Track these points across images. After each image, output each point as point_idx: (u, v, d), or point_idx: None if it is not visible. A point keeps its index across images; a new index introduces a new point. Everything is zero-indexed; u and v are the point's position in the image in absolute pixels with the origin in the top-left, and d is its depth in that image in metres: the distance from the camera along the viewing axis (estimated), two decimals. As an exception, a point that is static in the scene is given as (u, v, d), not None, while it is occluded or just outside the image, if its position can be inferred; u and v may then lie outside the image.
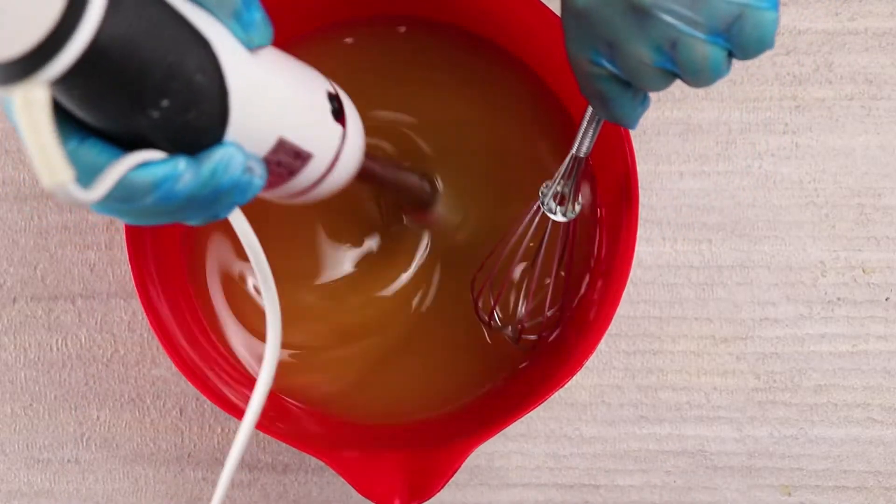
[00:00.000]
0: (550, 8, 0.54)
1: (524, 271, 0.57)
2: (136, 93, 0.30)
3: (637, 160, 0.53)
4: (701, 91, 0.62)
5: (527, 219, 0.52)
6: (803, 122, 0.62)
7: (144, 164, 0.30)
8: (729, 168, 0.62)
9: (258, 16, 0.34)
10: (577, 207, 0.50)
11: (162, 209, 0.32)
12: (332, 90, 0.41)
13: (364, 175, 0.45)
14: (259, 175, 0.34)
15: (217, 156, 0.32)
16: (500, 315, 0.57)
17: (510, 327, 0.56)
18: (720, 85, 0.62)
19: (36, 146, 0.27)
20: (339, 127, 0.41)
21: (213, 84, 0.32)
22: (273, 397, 0.59)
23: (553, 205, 0.50)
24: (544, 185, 0.50)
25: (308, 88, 0.40)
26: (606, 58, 0.37)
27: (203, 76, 0.32)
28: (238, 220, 0.37)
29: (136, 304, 0.62)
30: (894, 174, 0.62)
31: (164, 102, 0.30)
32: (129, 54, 0.29)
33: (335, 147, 0.41)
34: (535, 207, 0.51)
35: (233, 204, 0.34)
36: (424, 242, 0.59)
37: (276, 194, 0.42)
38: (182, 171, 0.31)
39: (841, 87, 0.62)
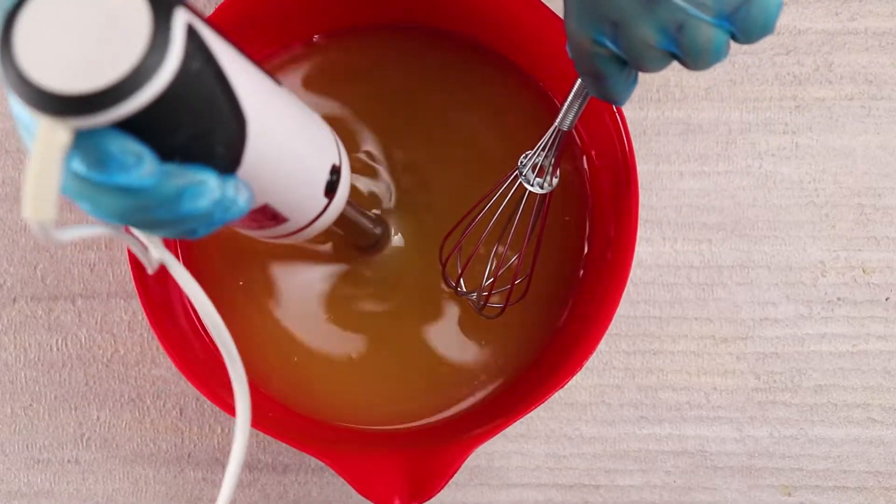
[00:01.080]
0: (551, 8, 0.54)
1: (494, 239, 0.57)
2: (156, 141, 0.29)
3: (637, 160, 0.53)
4: (701, 91, 0.62)
5: (502, 187, 0.51)
6: (803, 122, 0.62)
7: (119, 135, 0.28)
8: (729, 168, 0.62)
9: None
10: (555, 181, 0.50)
11: (118, 200, 0.29)
12: (337, 162, 0.41)
13: (338, 222, 0.46)
14: (241, 207, 0.32)
15: (189, 178, 0.30)
16: (466, 281, 0.57)
17: (476, 294, 0.56)
18: (720, 85, 0.62)
19: (36, 179, 0.26)
20: (325, 200, 0.41)
21: (229, 156, 0.32)
22: (273, 400, 0.59)
23: (531, 176, 0.49)
24: (524, 155, 0.49)
25: (314, 164, 0.39)
26: (609, 38, 0.36)
27: (224, 149, 0.31)
28: (187, 283, 0.35)
29: (136, 304, 0.62)
30: (894, 174, 0.62)
31: (176, 157, 0.30)
32: (173, 118, 0.28)
33: (314, 215, 0.41)
34: (511, 177, 0.51)
35: (212, 226, 0.32)
36: (411, 257, 0.60)
37: (240, 230, 0.42)
38: (145, 162, 0.29)
39: (841, 87, 0.62)
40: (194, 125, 0.29)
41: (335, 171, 0.41)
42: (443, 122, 0.60)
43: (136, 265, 0.53)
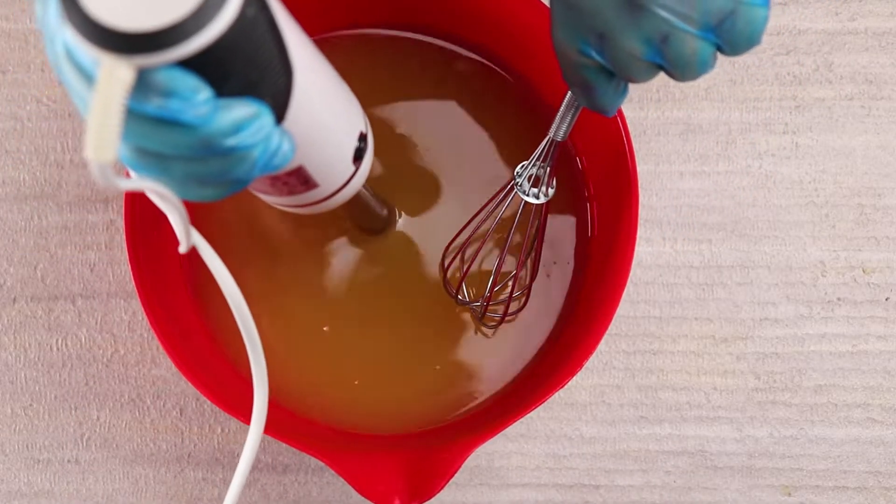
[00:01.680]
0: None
1: (493, 249, 0.57)
2: (211, 84, 0.29)
3: (637, 160, 0.53)
4: (701, 91, 0.62)
5: (499, 198, 0.52)
6: (803, 122, 0.62)
7: (181, 72, 0.28)
8: (729, 168, 0.62)
9: None
10: (551, 191, 0.50)
11: (179, 138, 0.29)
12: (364, 129, 0.41)
13: (352, 201, 0.46)
14: (285, 152, 0.32)
15: (248, 110, 0.30)
16: (467, 290, 0.57)
17: (476, 304, 0.56)
18: (720, 85, 0.62)
19: (99, 119, 0.27)
20: (353, 167, 0.41)
21: (276, 106, 0.32)
22: (273, 400, 0.59)
23: (527, 186, 0.50)
24: (520, 166, 0.50)
25: (346, 128, 0.40)
26: (595, 48, 0.37)
27: (272, 99, 0.31)
28: (223, 277, 0.35)
29: (136, 304, 0.62)
30: (894, 174, 0.62)
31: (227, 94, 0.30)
32: (228, 61, 0.28)
33: (341, 183, 0.42)
34: (507, 187, 0.51)
35: (251, 171, 0.32)
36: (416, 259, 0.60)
37: (266, 197, 0.42)
38: (198, 101, 0.28)
39: (841, 87, 0.62)
40: (247, 71, 0.30)
41: (363, 139, 0.41)
42: (434, 124, 0.60)
43: (137, 265, 0.53)
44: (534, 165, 0.49)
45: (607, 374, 0.62)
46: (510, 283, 0.56)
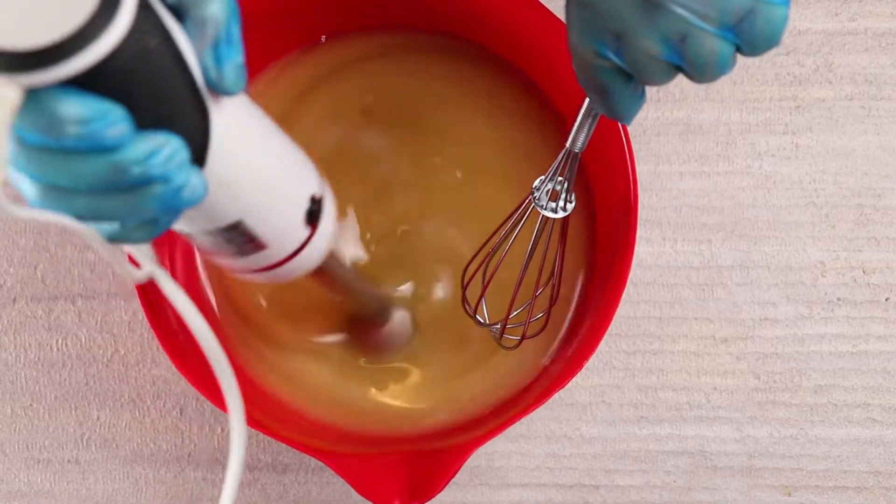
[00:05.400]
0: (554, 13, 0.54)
1: (514, 266, 0.56)
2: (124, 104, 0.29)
3: (637, 160, 0.53)
4: (701, 91, 0.62)
5: (517, 213, 0.51)
6: (803, 123, 0.62)
7: (80, 93, 0.27)
8: (729, 168, 0.62)
9: (236, 57, 0.31)
10: (570, 205, 0.49)
11: (84, 168, 0.29)
12: (317, 193, 0.40)
13: (319, 273, 0.45)
14: (195, 187, 0.31)
15: (161, 138, 0.29)
16: (487, 311, 0.56)
17: (495, 325, 0.55)
18: (720, 85, 0.62)
19: None
20: (307, 230, 0.40)
21: (192, 148, 0.31)
22: (274, 400, 0.59)
23: (545, 200, 0.49)
24: (538, 180, 0.48)
25: (291, 186, 0.39)
26: (612, 50, 0.36)
27: (186, 139, 0.31)
28: (175, 294, 0.35)
29: (136, 304, 0.62)
30: (894, 174, 0.62)
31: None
32: (130, 91, 0.28)
33: (294, 247, 0.40)
34: (526, 202, 0.50)
35: (162, 205, 0.31)
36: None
37: (220, 264, 0.41)
38: (116, 120, 0.28)
39: (841, 87, 0.62)
40: (155, 104, 0.29)
41: (316, 201, 0.40)
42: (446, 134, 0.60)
43: (136, 265, 0.53)
44: (551, 179, 0.48)
45: (607, 374, 0.62)
46: (529, 306, 0.54)
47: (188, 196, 0.31)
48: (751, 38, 0.34)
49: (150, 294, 0.53)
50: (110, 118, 0.28)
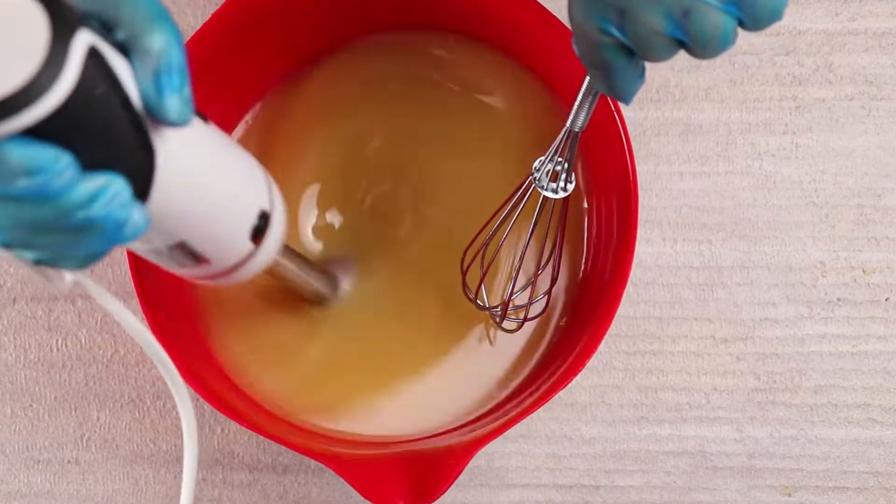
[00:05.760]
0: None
1: (512, 249, 0.55)
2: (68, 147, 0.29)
3: (637, 160, 0.53)
4: (701, 91, 0.62)
5: (517, 194, 0.51)
6: (803, 123, 0.62)
7: (28, 142, 0.28)
8: (729, 168, 0.62)
9: (179, 87, 0.31)
10: (570, 186, 0.48)
11: (28, 213, 0.29)
12: (266, 208, 0.41)
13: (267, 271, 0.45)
14: (136, 223, 0.32)
15: (103, 180, 0.30)
16: (487, 294, 0.56)
17: (496, 308, 0.55)
18: (720, 85, 0.62)
19: None
20: (251, 245, 0.41)
21: (136, 185, 0.32)
22: (275, 401, 0.59)
23: (545, 181, 0.49)
24: (538, 160, 0.48)
25: (237, 207, 0.39)
26: (616, 25, 0.36)
27: (130, 178, 0.31)
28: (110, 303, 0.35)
29: (136, 304, 0.62)
30: (894, 174, 0.62)
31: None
32: (75, 138, 0.29)
33: (238, 260, 0.41)
34: (526, 183, 0.50)
35: (102, 242, 0.31)
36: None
37: (167, 268, 0.41)
38: (62, 168, 0.28)
39: (841, 87, 0.62)
40: (98, 146, 0.30)
41: (264, 217, 0.40)
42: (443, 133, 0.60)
43: (136, 265, 0.53)
44: (551, 160, 0.48)
45: (607, 374, 0.62)
46: (529, 287, 0.54)
47: (129, 233, 0.32)
48: (754, 11, 0.34)
49: (149, 294, 0.53)
50: (57, 167, 0.28)
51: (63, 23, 0.27)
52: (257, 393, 0.58)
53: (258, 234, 0.41)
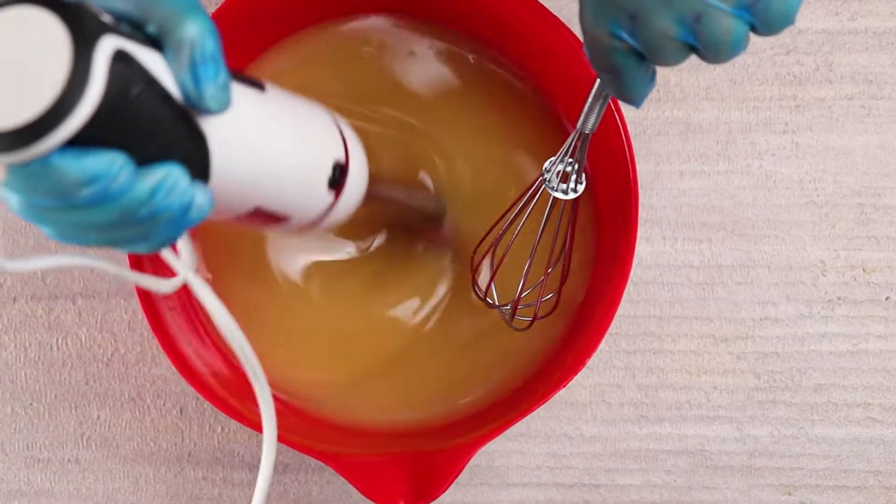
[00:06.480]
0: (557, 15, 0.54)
1: (524, 249, 0.55)
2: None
3: (637, 160, 0.53)
4: (701, 91, 0.62)
5: (527, 195, 0.51)
6: (803, 122, 0.62)
7: (80, 153, 0.29)
8: (729, 168, 0.62)
9: (215, 76, 0.32)
10: (581, 187, 0.48)
11: (95, 218, 0.30)
12: (340, 158, 0.41)
13: (367, 203, 0.45)
14: (200, 205, 0.32)
15: (160, 174, 0.31)
16: (497, 292, 0.56)
17: (506, 306, 0.55)
18: (720, 85, 0.62)
19: None
20: (330, 196, 0.41)
21: (193, 170, 0.32)
22: (277, 400, 0.59)
23: (556, 182, 0.49)
24: (548, 161, 0.48)
25: (305, 164, 0.39)
26: (627, 30, 0.36)
27: (186, 164, 0.32)
28: (212, 303, 0.36)
29: (136, 304, 0.62)
30: (894, 174, 0.62)
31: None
32: (123, 139, 0.29)
33: (319, 212, 0.41)
34: (536, 184, 0.50)
35: (172, 229, 0.32)
36: (441, 267, 0.59)
37: (253, 228, 0.42)
38: (119, 170, 0.30)
39: (841, 86, 0.62)
40: (147, 141, 0.30)
41: (339, 167, 0.41)
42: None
43: (136, 265, 0.53)
44: (562, 161, 0.48)
45: (607, 373, 0.62)
46: (540, 286, 0.54)
47: (195, 215, 0.32)
48: (766, 16, 0.34)
49: (149, 293, 0.53)
50: (114, 170, 0.29)
51: (83, 34, 0.28)
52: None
53: (336, 183, 0.41)
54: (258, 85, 0.37)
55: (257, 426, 0.52)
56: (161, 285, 0.37)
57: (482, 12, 0.57)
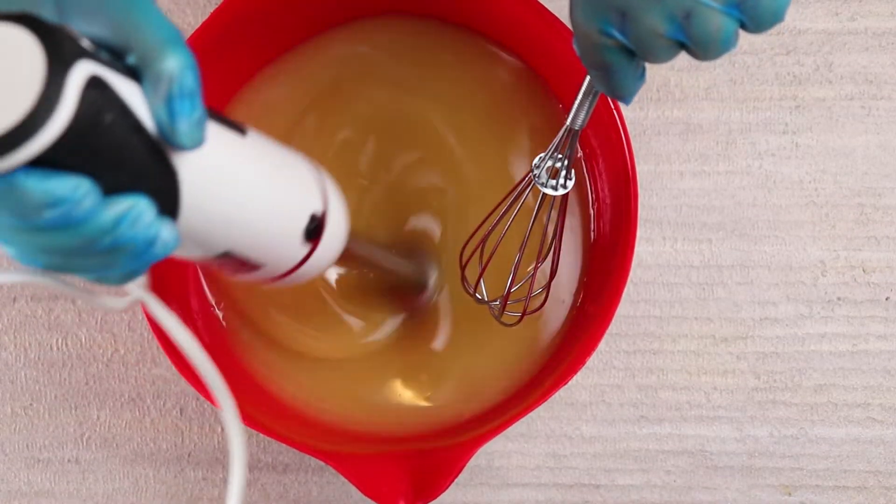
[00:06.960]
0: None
1: (513, 244, 0.55)
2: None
3: (637, 160, 0.53)
4: (701, 91, 0.62)
5: (517, 191, 0.51)
6: (803, 122, 0.62)
7: (45, 174, 0.28)
8: (729, 168, 0.62)
9: (191, 111, 0.31)
10: (570, 183, 0.49)
11: (56, 242, 0.30)
12: (317, 210, 0.40)
13: (345, 260, 0.45)
14: (165, 241, 0.32)
15: (126, 204, 0.30)
16: (486, 288, 0.56)
17: (495, 302, 0.55)
18: (720, 85, 0.62)
19: None
20: (306, 247, 0.40)
21: (161, 204, 0.32)
22: (275, 399, 0.59)
23: (545, 178, 0.49)
24: (538, 157, 0.48)
25: (286, 211, 0.39)
26: (617, 27, 0.36)
27: (154, 198, 0.31)
28: (163, 315, 0.36)
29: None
30: (894, 174, 0.62)
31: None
32: (91, 164, 0.29)
33: (292, 263, 0.40)
34: (526, 179, 0.50)
35: (135, 261, 0.32)
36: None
37: (223, 275, 0.41)
38: (84, 195, 0.29)
39: (841, 87, 0.62)
40: (116, 170, 0.30)
41: (315, 219, 0.40)
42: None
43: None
44: (551, 157, 0.48)
45: (607, 373, 0.62)
46: (529, 281, 0.55)
47: (159, 251, 0.32)
48: (755, 13, 0.34)
49: (149, 292, 0.53)
50: (78, 195, 0.29)
51: (59, 56, 0.28)
52: (262, 394, 0.58)
53: (312, 235, 0.40)
54: (239, 129, 0.36)
55: (262, 428, 0.52)
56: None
57: (484, 11, 0.57)
